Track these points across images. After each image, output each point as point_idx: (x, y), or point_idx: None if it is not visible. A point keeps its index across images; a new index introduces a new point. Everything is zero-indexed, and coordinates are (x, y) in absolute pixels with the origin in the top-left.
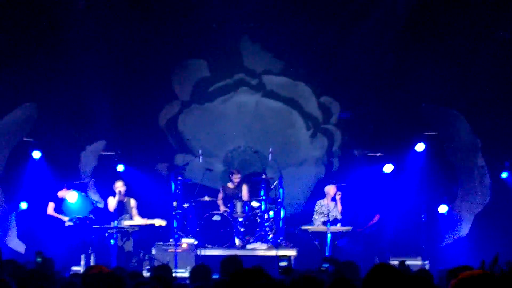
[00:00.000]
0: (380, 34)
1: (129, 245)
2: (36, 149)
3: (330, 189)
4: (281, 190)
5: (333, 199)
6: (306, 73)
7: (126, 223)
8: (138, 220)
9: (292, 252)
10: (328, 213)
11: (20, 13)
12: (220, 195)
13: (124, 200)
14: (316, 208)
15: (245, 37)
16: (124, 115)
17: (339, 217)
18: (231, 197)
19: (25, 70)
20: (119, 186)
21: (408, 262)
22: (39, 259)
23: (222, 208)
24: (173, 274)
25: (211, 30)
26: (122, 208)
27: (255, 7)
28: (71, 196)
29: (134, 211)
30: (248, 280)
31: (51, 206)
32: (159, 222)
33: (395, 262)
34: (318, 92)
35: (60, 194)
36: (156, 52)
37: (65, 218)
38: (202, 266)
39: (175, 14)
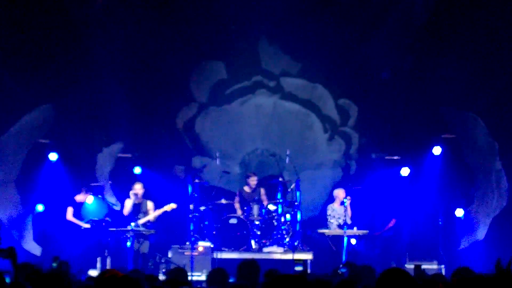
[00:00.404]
0: (399, 36)
1: (145, 248)
2: (52, 151)
3: (339, 193)
4: (298, 193)
5: (342, 203)
6: (324, 75)
7: (140, 221)
8: (150, 215)
9: (308, 256)
10: (337, 217)
11: (38, 15)
12: (237, 198)
13: (141, 202)
14: (329, 212)
15: (263, 39)
16: (141, 117)
17: (348, 222)
18: (248, 200)
19: (42, 71)
20: (138, 188)
21: (424, 266)
22: (54, 264)
23: (239, 212)
24: (189, 277)
25: (229, 32)
26: (138, 211)
27: (273, 9)
28: (88, 199)
29: (151, 213)
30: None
31: (70, 212)
32: (169, 207)
33: (411, 266)
34: (336, 94)
35: (78, 198)
36: (174, 53)
37: (84, 225)
38: (218, 270)
39: (192, 16)
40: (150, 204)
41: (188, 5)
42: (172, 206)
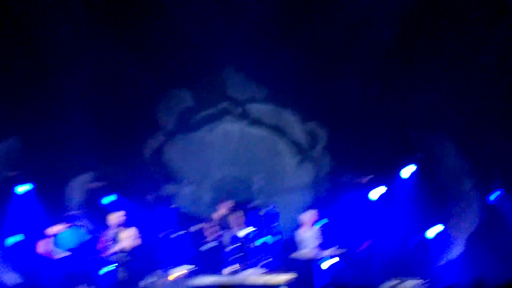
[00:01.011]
0: (366, 58)
1: (122, 276)
2: (21, 183)
3: (304, 217)
4: (269, 218)
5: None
6: (291, 99)
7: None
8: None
9: (285, 279)
10: (308, 242)
11: (2, 46)
12: (209, 225)
13: (118, 231)
14: (298, 237)
15: (229, 66)
16: (111, 146)
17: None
18: (220, 227)
19: (7, 103)
20: (112, 218)
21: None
22: None
23: (212, 237)
24: None
25: (195, 60)
26: (115, 239)
27: (239, 35)
28: (61, 229)
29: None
30: None
31: (41, 245)
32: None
33: (395, 282)
34: (304, 118)
35: (50, 230)
36: (140, 82)
37: (57, 256)
38: None
39: (158, 44)
40: (127, 233)
41: (154, 34)
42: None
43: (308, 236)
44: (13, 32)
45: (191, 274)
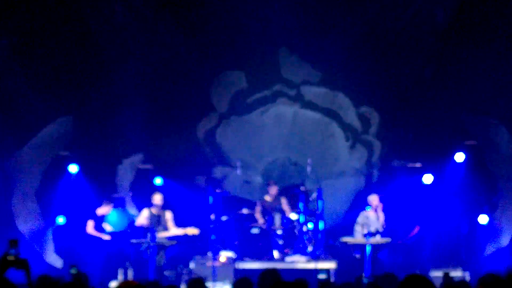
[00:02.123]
0: (420, 43)
1: (162, 258)
2: (72, 163)
3: (373, 199)
4: (320, 202)
5: (376, 210)
6: (345, 83)
7: (159, 235)
8: (171, 231)
9: (331, 265)
10: (369, 225)
11: (58, 27)
12: (258, 208)
13: (160, 214)
14: (359, 219)
15: (283, 48)
16: (162, 128)
17: (380, 229)
18: (269, 210)
19: (61, 83)
20: (157, 199)
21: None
22: (73, 271)
23: (261, 221)
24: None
25: (249, 41)
26: (158, 222)
27: (294, 17)
28: (108, 211)
29: (170, 224)
30: None
31: (90, 225)
32: (191, 231)
33: (436, 273)
34: (357, 102)
35: (100, 211)
36: (194, 64)
37: (105, 237)
38: (244, 280)
39: (212, 25)
40: (168, 215)
41: (209, 15)
42: (194, 231)
43: (371, 220)
44: (69, 12)
45: (239, 258)
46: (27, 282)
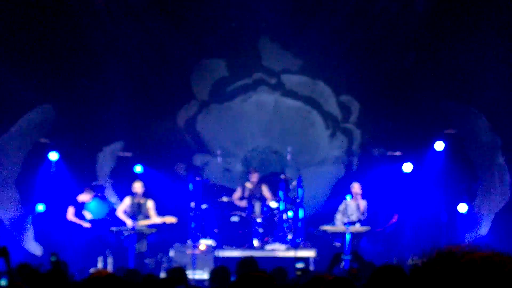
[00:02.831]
0: (400, 31)
1: (143, 247)
2: (52, 151)
3: (354, 187)
4: (300, 190)
5: (356, 198)
6: (325, 72)
7: (140, 223)
8: (151, 220)
9: (311, 253)
10: (350, 213)
11: (38, 13)
12: (237, 194)
13: (141, 202)
14: (340, 207)
15: (264, 36)
16: (142, 115)
17: (361, 217)
18: (250, 198)
19: (42, 70)
20: (137, 187)
21: None
22: (53, 258)
23: (242, 203)
24: (190, 276)
25: (230, 29)
26: (138, 210)
27: (274, 5)
28: (87, 196)
29: (152, 212)
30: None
31: (71, 211)
32: (169, 219)
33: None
34: (338, 91)
35: (81, 198)
36: (174, 51)
37: (85, 224)
38: (221, 268)
39: (193, 13)
40: (150, 203)
41: (189, 3)
42: (172, 220)
43: (352, 208)
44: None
45: (219, 246)
46: (7, 269)
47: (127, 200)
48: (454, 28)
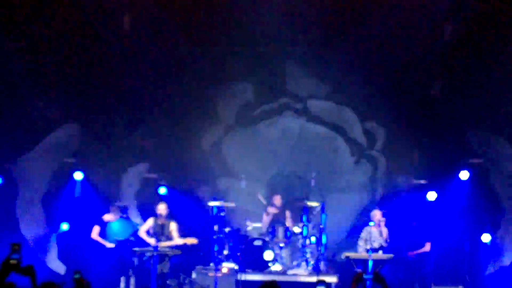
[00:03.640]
0: (427, 59)
1: (165, 268)
2: (78, 170)
3: (376, 214)
4: (323, 216)
5: (379, 225)
6: (352, 98)
7: (162, 244)
8: (172, 241)
9: (333, 279)
10: (372, 240)
11: (68, 34)
12: (264, 220)
13: (165, 223)
14: (362, 234)
15: (290, 61)
16: (167, 138)
17: (384, 244)
18: (273, 222)
19: (69, 90)
20: (161, 208)
21: None
22: (76, 276)
23: (265, 231)
24: None
25: (257, 53)
26: (161, 232)
27: (301, 30)
28: (113, 216)
29: (174, 234)
30: None
31: (95, 230)
32: (190, 240)
33: None
34: (363, 117)
35: (107, 217)
36: (201, 74)
37: (109, 244)
38: None
39: (220, 37)
40: (173, 225)
41: (217, 26)
42: (193, 241)
43: (374, 235)
44: (79, 20)
45: (241, 269)
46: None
47: (150, 221)
48: (480, 57)
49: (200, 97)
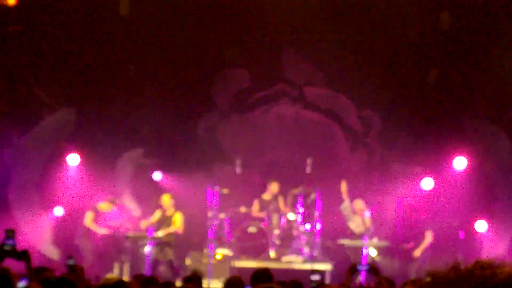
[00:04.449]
0: (424, 47)
1: (163, 255)
2: (73, 155)
3: (357, 204)
4: (318, 203)
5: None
6: (348, 85)
7: (159, 233)
8: (168, 229)
9: (327, 266)
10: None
11: (65, 18)
12: (255, 207)
13: (169, 214)
14: (348, 225)
15: (287, 48)
16: (162, 123)
17: (367, 232)
18: (268, 209)
19: (65, 75)
20: (165, 200)
21: None
22: (70, 262)
23: (260, 215)
24: (206, 285)
25: (253, 40)
26: (165, 221)
27: (298, 18)
28: (107, 205)
29: (177, 223)
30: None
31: (88, 217)
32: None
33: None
34: (359, 105)
35: (100, 206)
36: (197, 60)
37: (102, 231)
38: (235, 278)
39: (217, 23)
40: (177, 215)
41: (213, 13)
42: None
43: (357, 223)
44: (77, 5)
45: (235, 256)
46: (28, 273)
47: (157, 214)
48: (478, 45)
49: (196, 82)
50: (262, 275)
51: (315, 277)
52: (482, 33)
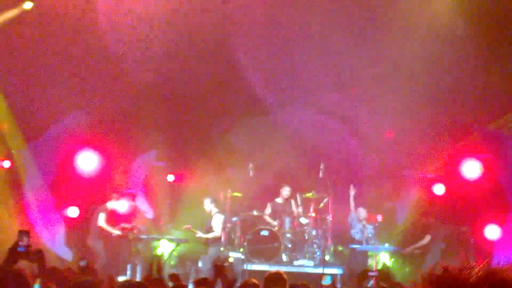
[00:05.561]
0: (439, 54)
1: (174, 257)
2: (87, 157)
3: (361, 213)
4: (331, 208)
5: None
6: (361, 90)
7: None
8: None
9: (338, 271)
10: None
11: (76, 26)
12: (268, 210)
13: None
14: (355, 231)
15: (303, 54)
16: (176, 126)
17: (368, 241)
18: (280, 212)
19: (79, 77)
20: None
21: None
22: (82, 263)
23: (273, 223)
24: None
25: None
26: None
27: (311, 21)
28: (120, 206)
29: (216, 226)
30: None
31: (102, 218)
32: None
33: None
34: (373, 110)
35: (110, 205)
36: (211, 65)
37: (115, 232)
38: (250, 282)
39: (230, 31)
40: (215, 218)
41: (230, 16)
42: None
43: (356, 231)
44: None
45: (247, 260)
46: (40, 274)
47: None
48: (492, 51)
49: (210, 86)
50: (275, 278)
51: (326, 282)
52: (500, 39)
